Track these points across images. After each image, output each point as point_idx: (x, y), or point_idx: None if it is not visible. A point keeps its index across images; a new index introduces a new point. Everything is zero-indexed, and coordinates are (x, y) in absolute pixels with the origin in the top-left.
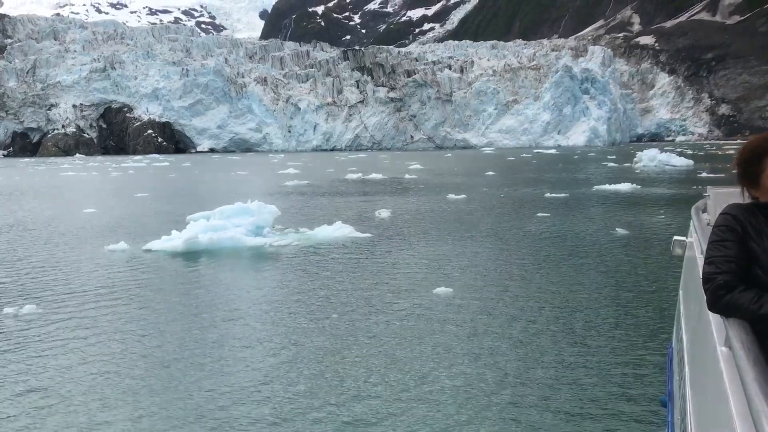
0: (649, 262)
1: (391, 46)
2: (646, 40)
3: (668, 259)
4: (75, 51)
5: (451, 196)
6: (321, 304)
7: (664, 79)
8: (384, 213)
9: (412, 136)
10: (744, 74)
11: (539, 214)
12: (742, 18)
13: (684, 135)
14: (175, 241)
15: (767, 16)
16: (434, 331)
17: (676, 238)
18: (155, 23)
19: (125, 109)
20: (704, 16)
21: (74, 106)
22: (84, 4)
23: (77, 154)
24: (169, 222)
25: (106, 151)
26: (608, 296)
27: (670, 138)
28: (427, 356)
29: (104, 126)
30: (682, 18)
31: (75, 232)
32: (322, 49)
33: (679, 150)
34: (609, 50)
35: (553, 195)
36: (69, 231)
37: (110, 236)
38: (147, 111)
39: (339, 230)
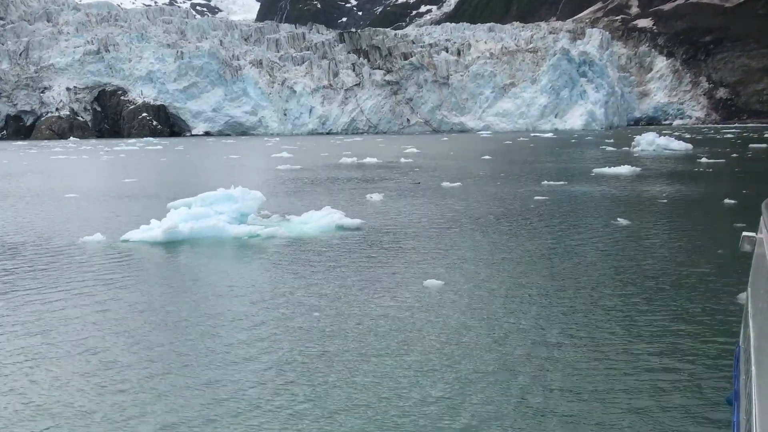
0: (661, 253)
1: (388, 29)
2: (644, 22)
3: (691, 252)
4: (68, 33)
5: (446, 183)
6: (303, 298)
7: (661, 63)
8: (376, 197)
9: (408, 120)
10: (742, 57)
11: (537, 198)
12: (741, 1)
13: (681, 119)
14: (154, 231)
15: None
16: (422, 327)
17: (745, 234)
18: (150, 5)
19: (119, 92)
20: None
21: (68, 88)
22: None
23: (71, 138)
24: (152, 209)
25: (100, 134)
26: (612, 285)
27: (667, 122)
28: (415, 360)
29: (98, 109)
30: (681, 0)
31: (51, 219)
32: (318, 32)
33: (677, 134)
34: (607, 33)
35: (551, 182)
36: (45, 218)
37: (87, 225)
38: (141, 94)
39: (327, 216)
